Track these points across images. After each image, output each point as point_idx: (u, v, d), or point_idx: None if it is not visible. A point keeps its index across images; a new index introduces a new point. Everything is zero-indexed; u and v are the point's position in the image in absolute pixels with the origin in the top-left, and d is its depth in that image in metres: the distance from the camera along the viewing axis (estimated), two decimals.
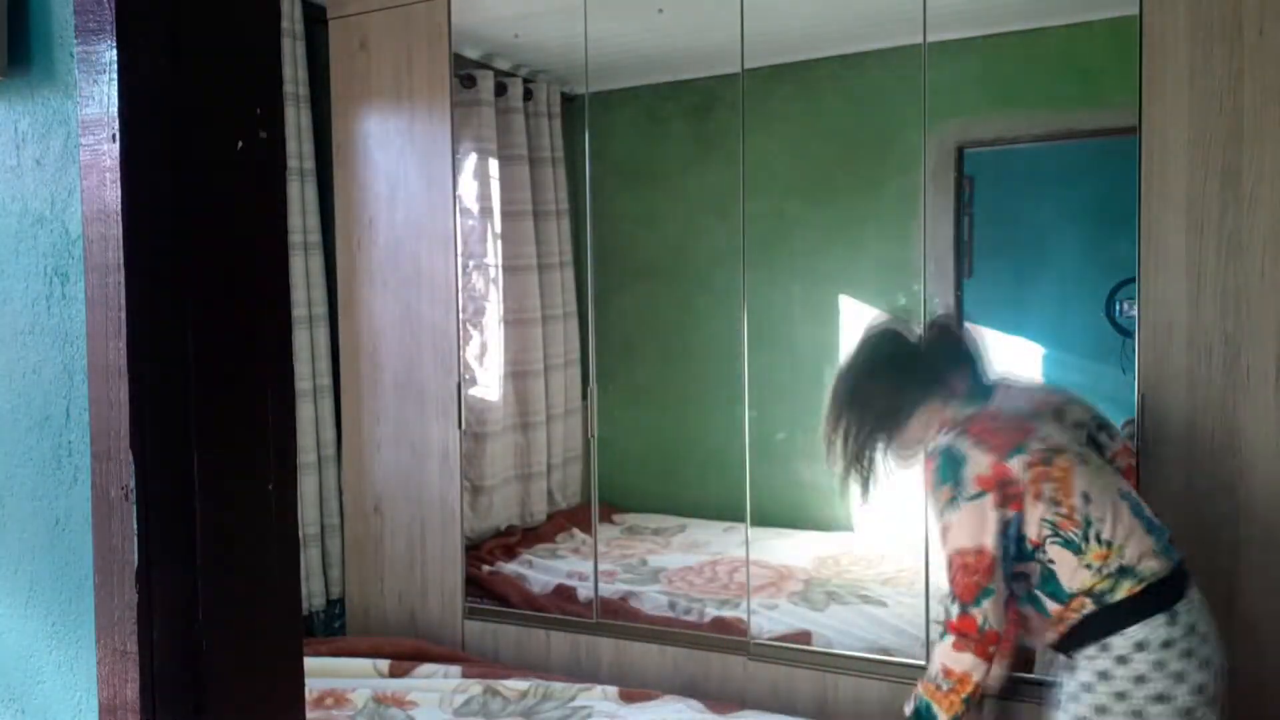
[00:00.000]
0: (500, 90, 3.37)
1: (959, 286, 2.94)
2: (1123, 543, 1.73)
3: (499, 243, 3.43)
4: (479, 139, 3.33)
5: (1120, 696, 1.72)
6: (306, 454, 3.18)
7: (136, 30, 0.76)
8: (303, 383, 3.18)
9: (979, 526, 1.75)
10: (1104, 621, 1.73)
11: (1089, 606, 1.74)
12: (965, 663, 1.76)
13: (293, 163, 3.14)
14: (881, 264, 3.12)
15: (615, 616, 2.99)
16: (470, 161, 3.32)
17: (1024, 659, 2.67)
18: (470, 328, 3.28)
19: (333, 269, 3.28)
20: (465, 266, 3.19)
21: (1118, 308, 2.75)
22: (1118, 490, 1.79)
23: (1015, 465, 1.74)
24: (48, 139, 0.84)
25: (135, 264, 0.75)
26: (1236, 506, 2.20)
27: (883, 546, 3.16)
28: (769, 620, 2.84)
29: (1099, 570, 1.72)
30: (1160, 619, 1.70)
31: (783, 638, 2.77)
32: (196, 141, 0.79)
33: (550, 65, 3.51)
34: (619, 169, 3.38)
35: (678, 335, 3.54)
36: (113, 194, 0.75)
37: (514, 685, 2.61)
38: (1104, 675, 1.73)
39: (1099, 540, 1.73)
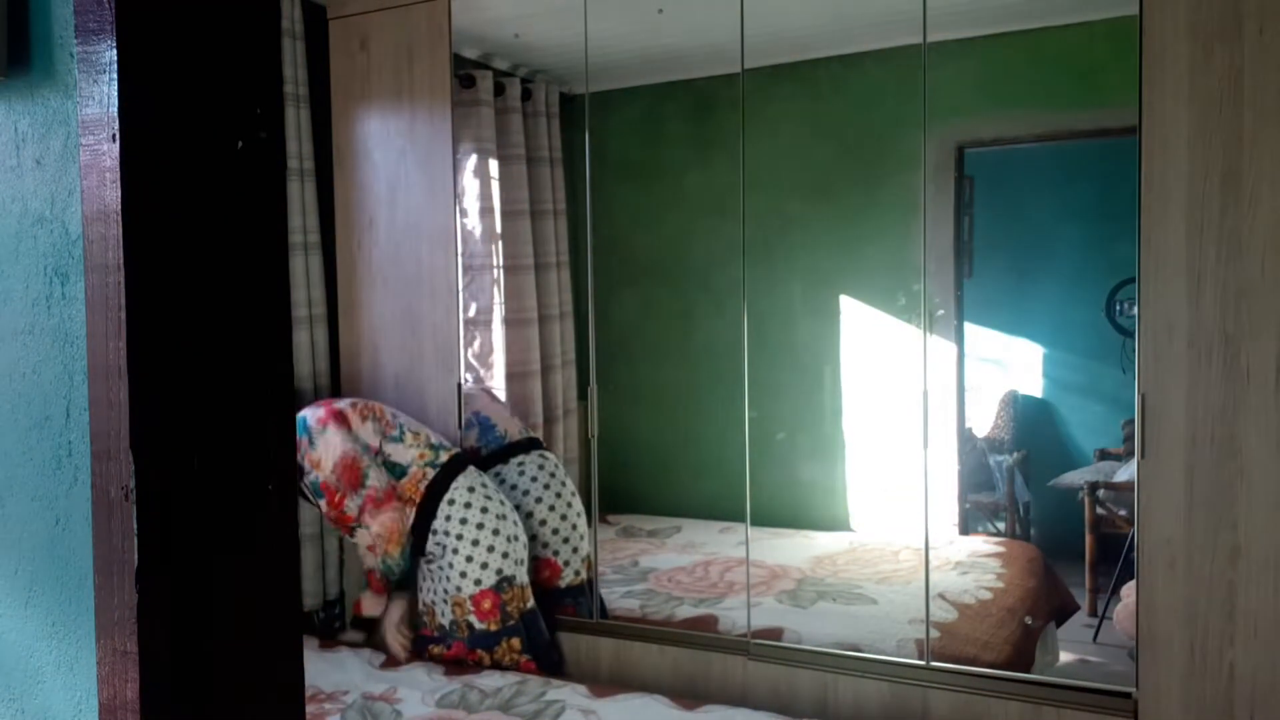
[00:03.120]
0: (499, 90, 3.37)
1: (959, 286, 2.95)
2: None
3: (499, 243, 3.43)
4: (478, 139, 3.32)
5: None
6: None
7: (136, 30, 0.76)
8: (303, 383, 3.17)
9: None
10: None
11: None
12: None
13: (293, 163, 3.14)
14: (881, 264, 3.12)
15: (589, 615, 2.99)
16: (470, 161, 3.32)
17: (1023, 657, 2.68)
18: (470, 327, 3.28)
19: (333, 269, 3.28)
20: (465, 266, 3.19)
21: (1118, 308, 2.75)
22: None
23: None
24: (48, 139, 0.84)
25: (135, 264, 0.75)
26: (1236, 506, 2.20)
27: (881, 546, 3.16)
28: (744, 616, 2.84)
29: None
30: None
31: (756, 634, 2.78)
32: (196, 141, 0.79)
33: (550, 65, 3.50)
34: (619, 169, 3.38)
35: (677, 335, 3.54)
36: (113, 194, 0.75)
37: (489, 682, 2.64)
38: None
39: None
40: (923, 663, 2.59)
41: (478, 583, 2.78)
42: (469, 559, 2.78)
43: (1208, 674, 2.23)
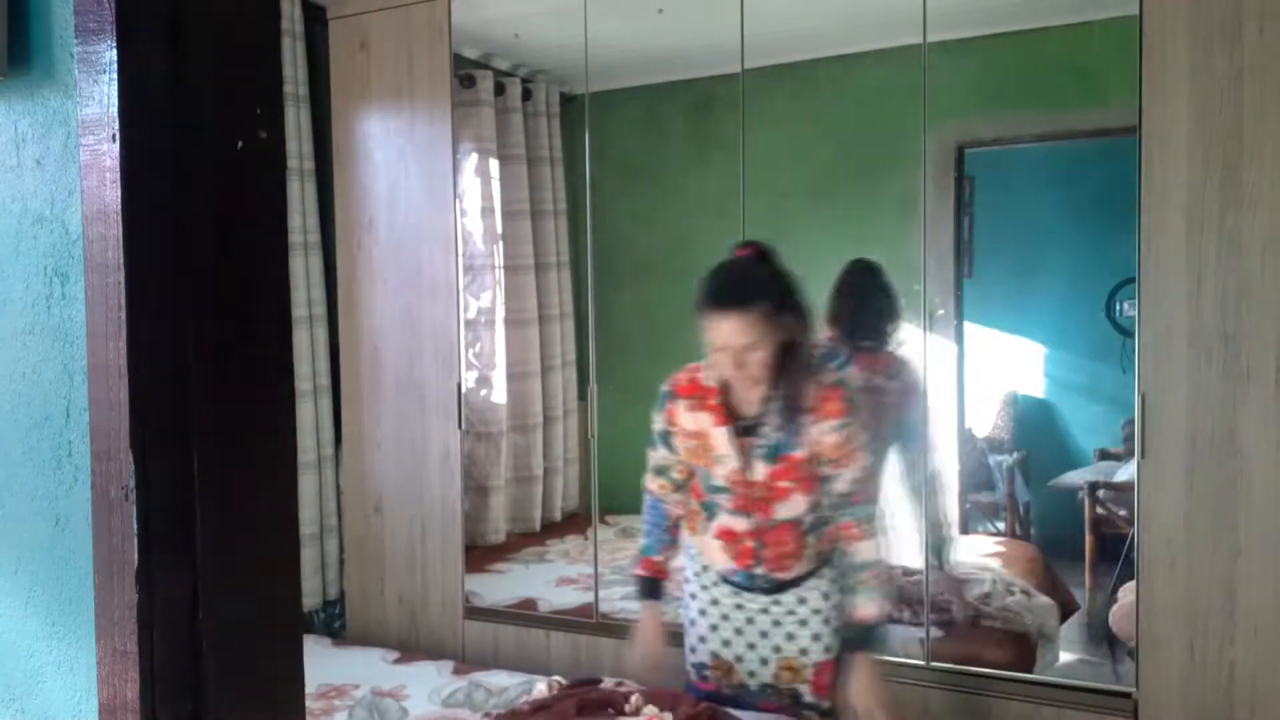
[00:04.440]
0: (499, 90, 3.37)
1: (959, 286, 2.94)
2: None
3: (499, 243, 3.43)
4: (478, 139, 3.32)
5: None
6: (306, 454, 3.18)
7: (136, 30, 0.76)
8: (303, 383, 3.17)
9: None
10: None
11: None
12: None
13: (293, 163, 3.14)
14: (882, 264, 3.12)
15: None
16: (470, 161, 3.32)
17: (1023, 658, 2.68)
18: (471, 328, 3.28)
19: (333, 269, 3.28)
20: (466, 267, 3.19)
21: (1118, 308, 2.75)
22: None
23: None
24: (48, 139, 0.84)
25: (135, 264, 0.75)
26: (1236, 506, 2.20)
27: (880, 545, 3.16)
28: None
29: None
30: None
31: None
32: (196, 141, 0.79)
33: (550, 65, 3.51)
34: (619, 169, 3.38)
35: (677, 335, 3.53)
36: (113, 194, 0.75)
37: (496, 680, 2.66)
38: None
39: None
40: (923, 663, 2.59)
41: (829, 648, 2.09)
42: (827, 613, 2.08)
43: (1208, 674, 2.23)
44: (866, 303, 2.77)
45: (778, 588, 2.09)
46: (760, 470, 2.00)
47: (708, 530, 2.10)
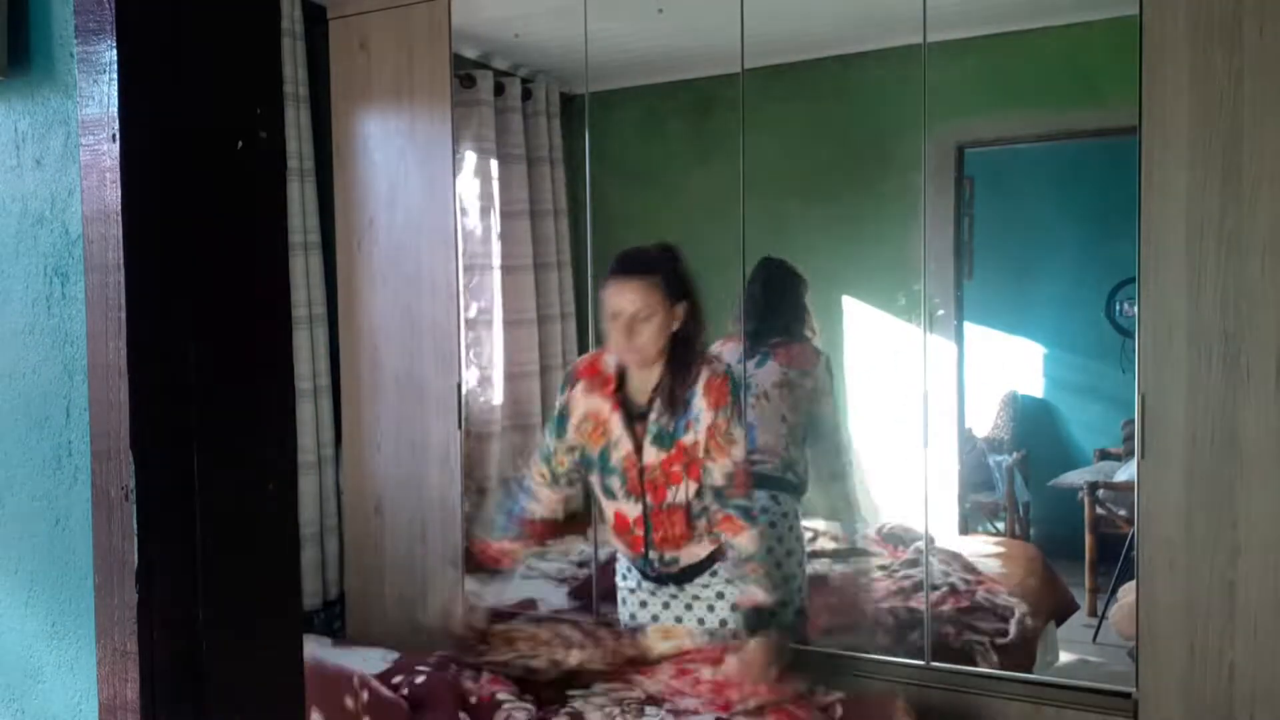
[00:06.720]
0: (499, 90, 3.37)
1: (959, 286, 2.95)
2: None
3: (500, 243, 3.43)
4: (479, 139, 3.32)
5: None
6: (306, 454, 3.17)
7: (136, 30, 0.76)
8: (303, 383, 3.17)
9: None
10: None
11: None
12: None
13: (293, 163, 3.14)
14: (881, 264, 3.11)
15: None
16: (470, 161, 3.32)
17: (1024, 657, 2.68)
18: (470, 328, 3.28)
19: (333, 269, 3.28)
20: (466, 266, 3.19)
21: (1118, 308, 2.75)
22: None
23: None
24: (48, 139, 0.84)
25: (135, 264, 0.75)
26: (1236, 506, 2.20)
27: (881, 546, 3.16)
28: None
29: None
30: None
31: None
32: (196, 141, 0.79)
33: (550, 65, 3.50)
34: (619, 169, 3.37)
35: None
36: (113, 194, 0.75)
37: None
38: None
39: None
40: (923, 663, 2.59)
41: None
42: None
43: (1208, 674, 2.23)
44: (770, 299, 2.90)
45: (678, 578, 2.20)
46: (651, 454, 2.09)
47: (608, 518, 2.22)
